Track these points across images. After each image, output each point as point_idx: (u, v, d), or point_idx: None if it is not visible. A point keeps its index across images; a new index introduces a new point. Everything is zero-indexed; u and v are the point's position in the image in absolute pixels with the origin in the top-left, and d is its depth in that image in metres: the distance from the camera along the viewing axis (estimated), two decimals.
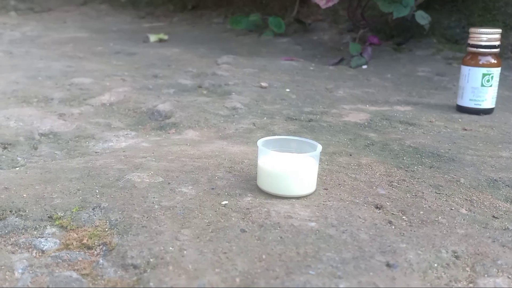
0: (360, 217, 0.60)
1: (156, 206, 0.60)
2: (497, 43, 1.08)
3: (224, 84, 1.31)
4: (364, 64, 1.66)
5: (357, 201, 0.64)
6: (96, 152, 0.84)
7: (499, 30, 1.09)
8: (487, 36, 1.08)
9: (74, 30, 2.31)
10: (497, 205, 0.66)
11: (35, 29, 2.35)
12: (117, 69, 1.48)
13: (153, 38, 2.09)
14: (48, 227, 0.57)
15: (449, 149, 0.87)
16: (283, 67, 1.58)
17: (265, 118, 1.04)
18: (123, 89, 1.22)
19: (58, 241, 0.54)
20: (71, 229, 0.56)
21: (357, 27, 1.91)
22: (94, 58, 1.66)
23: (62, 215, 0.59)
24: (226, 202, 0.62)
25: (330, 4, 1.63)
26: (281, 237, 0.54)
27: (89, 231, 0.55)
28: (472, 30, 1.10)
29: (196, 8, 2.80)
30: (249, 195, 0.65)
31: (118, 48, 1.84)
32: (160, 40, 2.08)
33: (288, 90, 1.29)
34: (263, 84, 1.33)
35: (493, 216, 0.62)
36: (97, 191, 0.64)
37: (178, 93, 1.22)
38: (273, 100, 1.19)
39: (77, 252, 0.52)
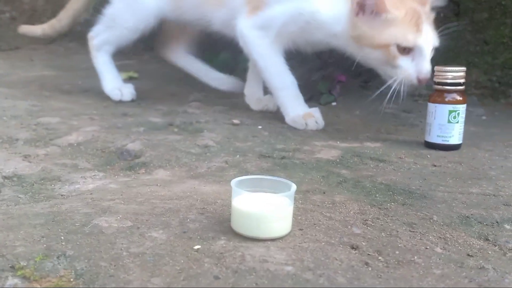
0: (336, 259, 0.58)
1: (125, 253, 0.58)
2: (462, 80, 1.12)
3: (196, 122, 1.30)
4: (333, 101, 1.68)
5: (333, 241, 0.63)
6: (62, 195, 0.81)
7: (464, 68, 1.12)
8: (452, 74, 1.11)
9: (41, 68, 2.27)
10: (471, 242, 0.66)
11: (1, 67, 2.30)
12: (85, 107, 1.46)
13: (123, 76, 2.07)
14: (10, 277, 0.53)
15: (420, 186, 0.87)
16: None
17: (237, 155, 1.03)
18: (91, 128, 1.19)
19: None
20: (34, 280, 0.53)
21: (326, 65, 1.95)
22: (62, 97, 1.63)
23: (25, 264, 0.55)
24: (199, 246, 0.60)
25: None
26: (256, 284, 0.52)
27: (53, 282, 0.52)
28: (437, 68, 1.14)
29: None
30: (222, 238, 0.63)
31: (86, 86, 1.81)
32: (130, 78, 2.07)
33: (260, 127, 1.29)
34: (235, 121, 1.32)
35: (468, 255, 0.62)
36: (62, 237, 0.61)
37: (148, 132, 1.20)
38: (245, 137, 1.18)
39: None
